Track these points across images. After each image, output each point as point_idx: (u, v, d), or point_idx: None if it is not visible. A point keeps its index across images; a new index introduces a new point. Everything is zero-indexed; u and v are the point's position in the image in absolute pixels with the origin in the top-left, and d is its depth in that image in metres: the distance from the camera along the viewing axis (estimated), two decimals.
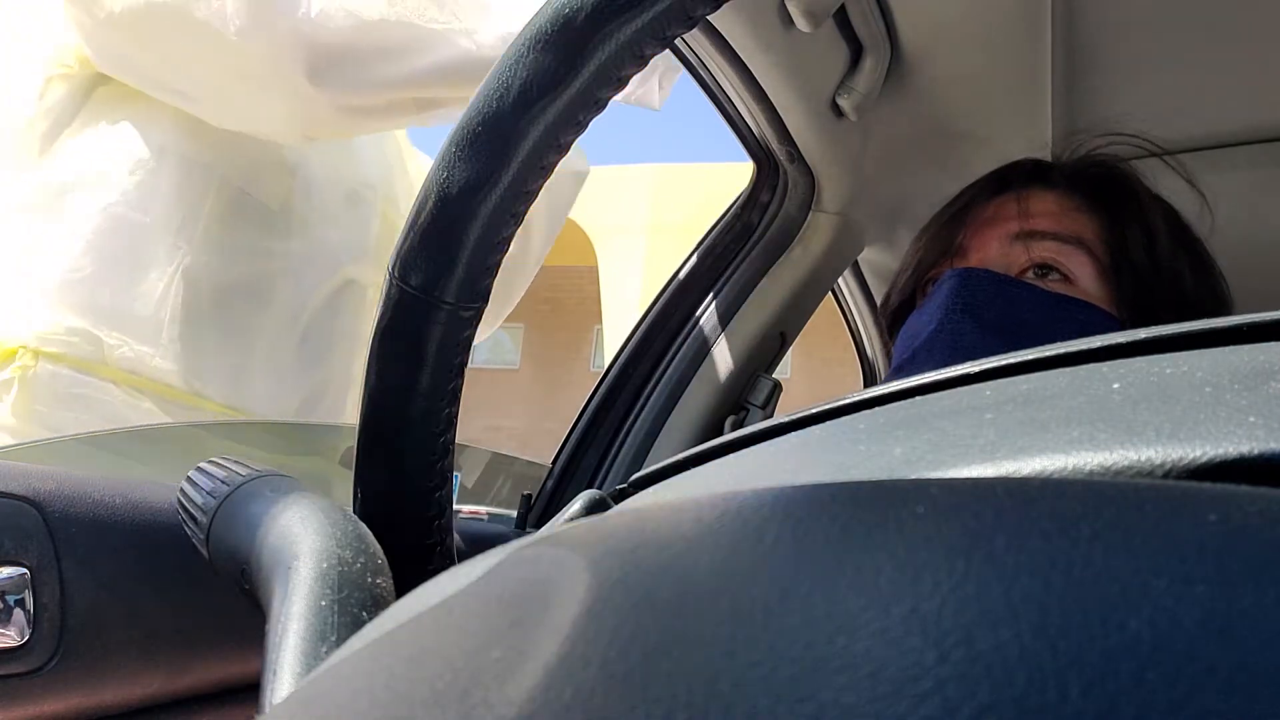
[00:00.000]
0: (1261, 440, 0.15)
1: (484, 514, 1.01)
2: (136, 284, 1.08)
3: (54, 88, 1.13)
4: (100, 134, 1.12)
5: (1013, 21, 0.75)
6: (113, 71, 1.11)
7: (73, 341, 1.05)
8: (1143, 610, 0.09)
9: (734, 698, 0.09)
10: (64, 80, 1.13)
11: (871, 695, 0.09)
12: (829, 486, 0.14)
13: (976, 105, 0.86)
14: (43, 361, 1.04)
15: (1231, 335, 0.20)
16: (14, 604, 0.42)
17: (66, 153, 1.12)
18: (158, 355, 1.08)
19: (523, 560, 0.14)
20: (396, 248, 0.31)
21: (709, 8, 0.28)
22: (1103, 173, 0.67)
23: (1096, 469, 0.16)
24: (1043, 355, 0.23)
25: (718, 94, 0.85)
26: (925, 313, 0.61)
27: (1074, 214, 0.63)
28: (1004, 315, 0.58)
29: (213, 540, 0.31)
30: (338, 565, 0.25)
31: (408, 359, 0.32)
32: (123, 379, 1.07)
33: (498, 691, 0.10)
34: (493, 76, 0.29)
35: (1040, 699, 0.08)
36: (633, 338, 0.94)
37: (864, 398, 0.25)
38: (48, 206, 1.09)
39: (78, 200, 1.09)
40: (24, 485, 0.45)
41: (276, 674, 0.22)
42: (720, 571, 0.12)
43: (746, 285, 0.93)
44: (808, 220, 0.95)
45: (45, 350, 1.04)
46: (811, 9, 0.68)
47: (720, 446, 0.28)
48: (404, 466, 0.33)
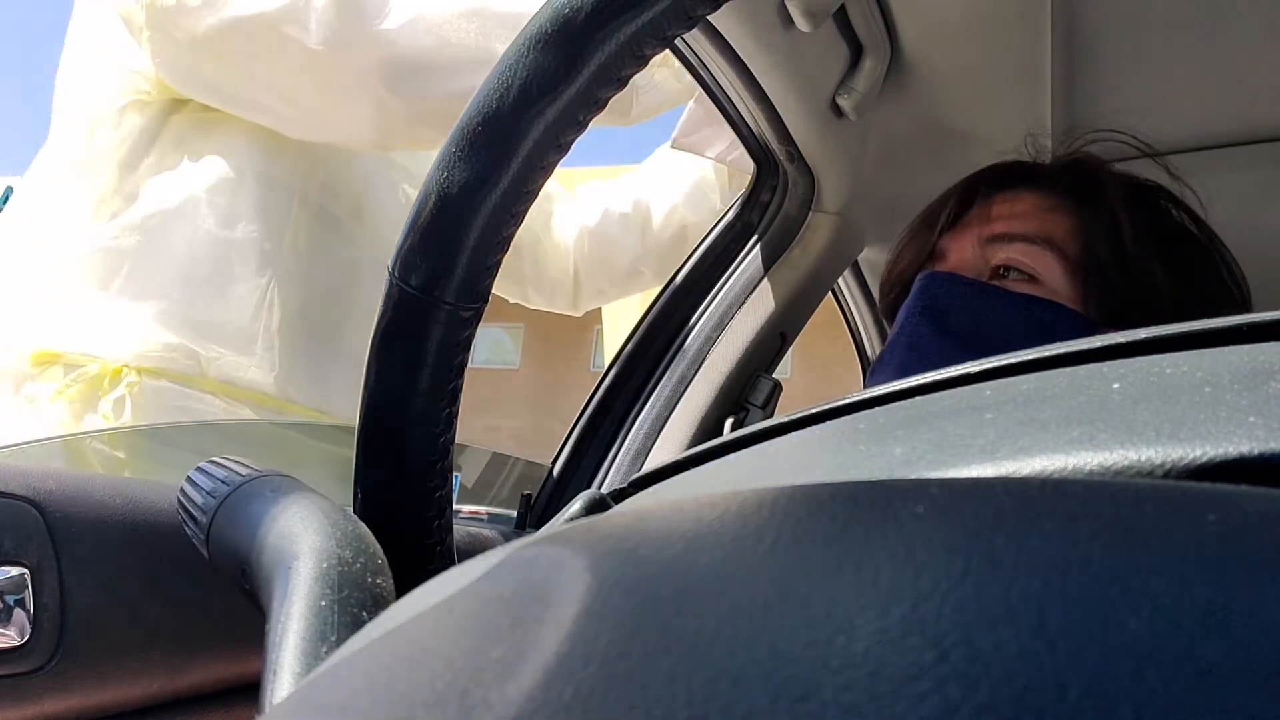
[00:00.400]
0: (1261, 440, 0.15)
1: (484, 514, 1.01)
2: (228, 299, 1.13)
3: (130, 115, 1.16)
4: (180, 158, 1.17)
5: (1012, 21, 0.75)
6: (193, 93, 1.14)
7: (172, 357, 1.10)
8: (1142, 610, 0.09)
9: (734, 697, 0.09)
10: (141, 107, 1.17)
11: (871, 695, 0.09)
12: (829, 486, 0.14)
13: (976, 105, 0.86)
14: (145, 378, 1.09)
15: (1231, 335, 0.20)
16: (14, 604, 0.42)
17: (149, 179, 1.16)
18: (252, 365, 1.13)
19: (523, 560, 0.14)
20: (397, 247, 0.31)
21: (709, 8, 0.28)
22: (1081, 171, 0.67)
23: (1096, 469, 0.16)
24: (1043, 355, 0.23)
25: (718, 94, 0.85)
26: (897, 318, 0.64)
27: (1047, 214, 0.64)
28: (963, 317, 0.60)
29: (213, 540, 0.31)
30: (338, 565, 0.25)
31: (408, 359, 0.32)
32: (221, 390, 1.12)
33: (498, 691, 0.10)
34: (493, 76, 0.29)
35: (1040, 699, 0.08)
36: (633, 338, 0.95)
37: (864, 398, 0.25)
38: (138, 234, 1.13)
39: (165, 226, 1.13)
40: (24, 485, 0.45)
41: (276, 674, 0.22)
42: (720, 571, 0.12)
43: (746, 285, 0.93)
44: (808, 220, 0.95)
45: (146, 367, 1.09)
46: (811, 9, 0.68)
47: (720, 446, 0.28)
48: (404, 466, 0.33)
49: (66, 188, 1.17)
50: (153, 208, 1.14)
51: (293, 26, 1.02)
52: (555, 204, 1.55)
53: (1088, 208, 0.64)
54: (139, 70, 1.14)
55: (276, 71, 1.07)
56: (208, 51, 1.06)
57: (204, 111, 1.17)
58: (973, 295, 0.61)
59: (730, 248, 0.96)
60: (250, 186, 1.16)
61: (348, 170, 1.26)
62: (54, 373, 1.09)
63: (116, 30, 1.14)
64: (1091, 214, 0.63)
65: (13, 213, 1.22)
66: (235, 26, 1.03)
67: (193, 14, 1.04)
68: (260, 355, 1.13)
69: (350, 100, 1.07)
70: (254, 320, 1.13)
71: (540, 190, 0.31)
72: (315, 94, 1.08)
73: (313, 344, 1.18)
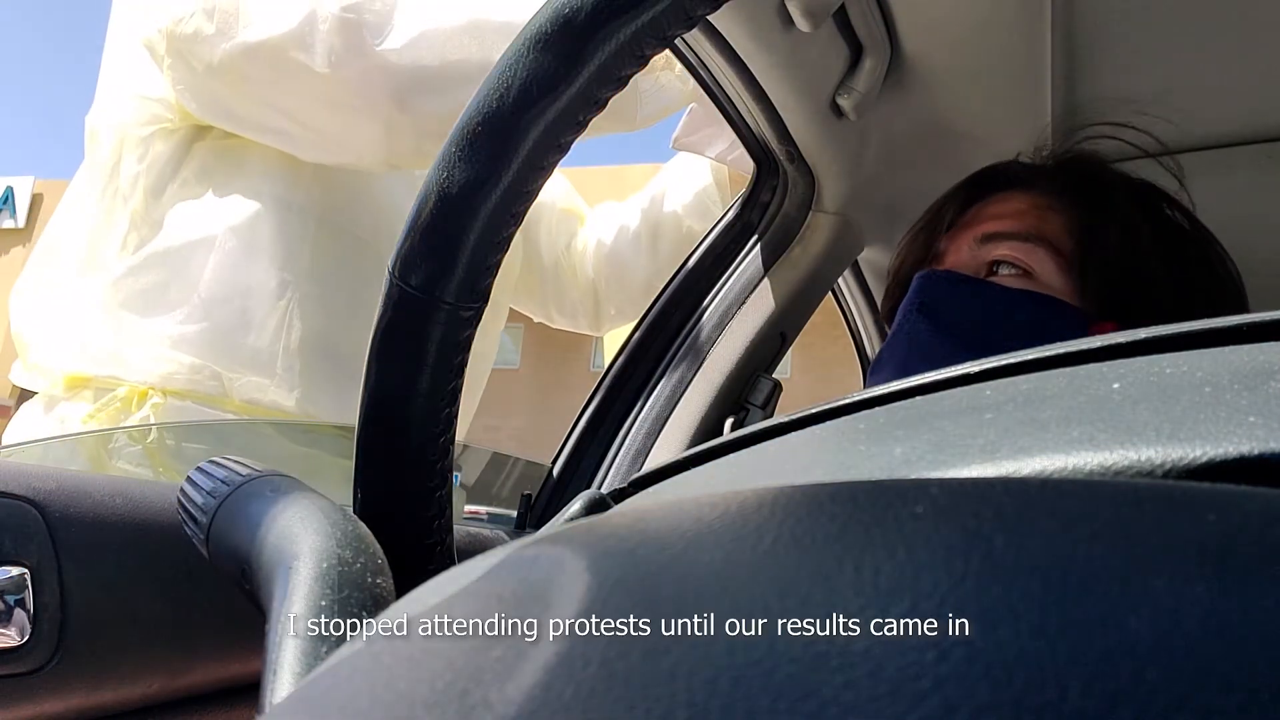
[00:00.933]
0: (1261, 440, 0.15)
1: (484, 514, 1.01)
2: (249, 321, 1.15)
3: (156, 143, 1.19)
4: (204, 185, 1.20)
5: (1012, 21, 0.75)
6: (212, 119, 1.17)
7: (197, 379, 1.13)
8: (1142, 610, 0.09)
9: (734, 697, 0.09)
10: (166, 135, 1.20)
11: (871, 694, 0.09)
12: (829, 486, 0.14)
13: (977, 105, 0.86)
14: (171, 399, 1.12)
15: (1231, 335, 0.20)
16: (14, 604, 0.42)
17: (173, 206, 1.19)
18: (273, 386, 1.15)
19: (523, 560, 0.14)
20: (397, 247, 0.31)
21: (709, 8, 0.28)
22: (1076, 169, 0.68)
23: (1096, 469, 0.16)
24: (1043, 355, 0.23)
25: (718, 94, 0.85)
26: (895, 316, 0.65)
27: (1041, 212, 0.65)
28: (959, 313, 0.62)
29: (213, 540, 0.31)
30: (338, 565, 0.25)
31: (407, 359, 0.32)
32: (244, 410, 1.15)
33: (498, 691, 0.10)
34: (493, 76, 0.29)
35: (1040, 698, 0.08)
36: (633, 338, 0.94)
37: (864, 398, 0.25)
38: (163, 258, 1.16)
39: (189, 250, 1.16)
40: (24, 485, 0.45)
41: (276, 674, 0.22)
42: (720, 571, 0.12)
43: (746, 285, 0.93)
44: (808, 220, 0.95)
45: (172, 389, 1.12)
46: (811, 9, 0.68)
47: (720, 446, 0.28)
48: (404, 466, 0.33)
49: (96, 214, 1.20)
50: (177, 233, 1.17)
51: (300, 51, 1.04)
52: (579, 225, 1.55)
53: (1082, 205, 0.65)
54: (162, 98, 1.17)
55: (288, 96, 1.09)
56: (223, 78, 1.09)
57: (226, 139, 1.20)
58: (967, 291, 0.62)
59: (730, 248, 0.96)
60: (270, 210, 1.19)
61: (367, 191, 1.29)
62: (85, 395, 1.13)
63: (142, 59, 1.16)
64: (1086, 211, 0.64)
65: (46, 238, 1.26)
66: (247, 53, 1.06)
67: (208, 42, 1.06)
68: (281, 376, 1.15)
69: (359, 121, 1.09)
70: (274, 341, 1.16)
71: (540, 190, 0.31)
72: (326, 116, 1.10)
73: (333, 363, 1.20)
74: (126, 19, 1.22)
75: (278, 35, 1.04)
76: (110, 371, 1.12)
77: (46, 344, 1.17)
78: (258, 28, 1.05)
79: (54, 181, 12.11)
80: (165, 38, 1.08)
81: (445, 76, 1.05)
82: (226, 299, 1.15)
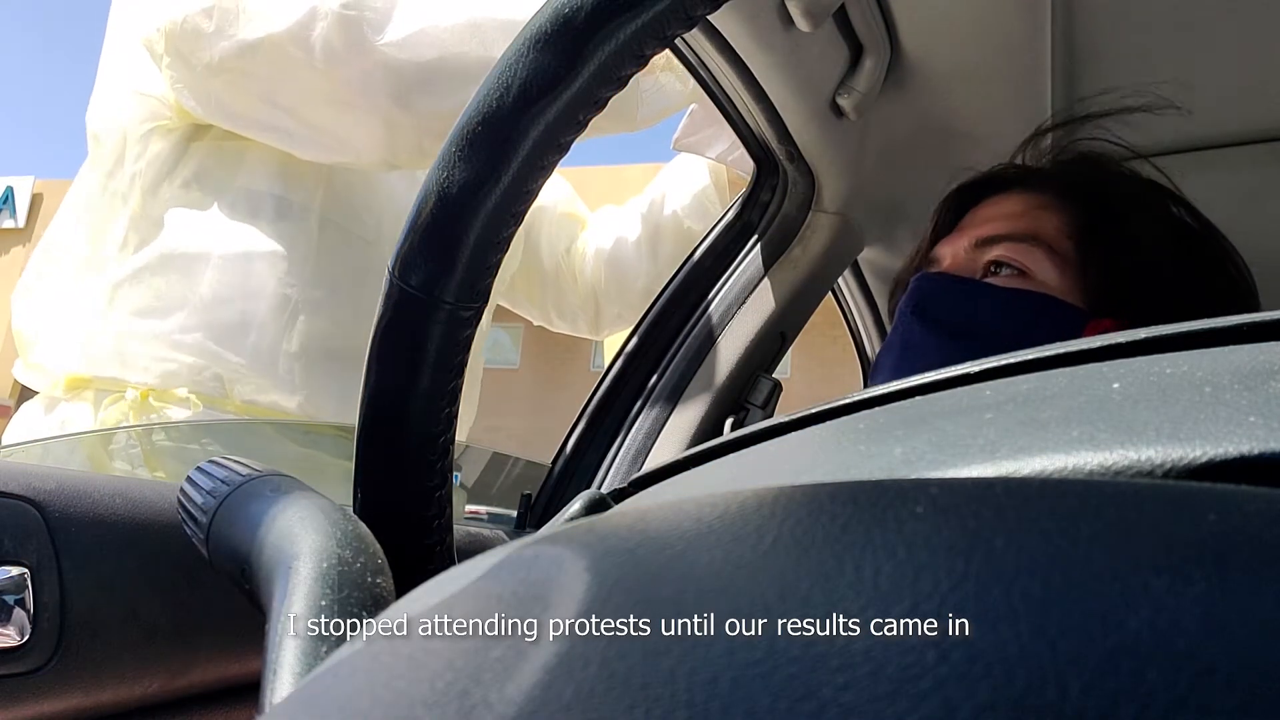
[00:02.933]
0: (1261, 440, 0.15)
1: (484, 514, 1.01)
2: (250, 322, 1.15)
3: (154, 142, 1.19)
4: (202, 184, 1.19)
5: (1012, 21, 0.75)
6: (211, 117, 1.16)
7: (198, 380, 1.12)
8: (1142, 610, 0.09)
9: (734, 697, 0.09)
10: (164, 133, 1.19)
11: (871, 694, 0.09)
12: (829, 486, 0.14)
13: (977, 104, 0.86)
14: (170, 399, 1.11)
15: (1231, 335, 0.20)
16: (14, 604, 0.42)
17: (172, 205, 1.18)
18: (274, 387, 1.15)
19: (523, 560, 0.14)
20: (397, 247, 0.31)
21: (709, 8, 0.28)
22: (1073, 170, 0.69)
23: (1096, 469, 0.16)
24: (1042, 355, 0.23)
25: (718, 94, 0.85)
26: (894, 318, 0.67)
27: (1036, 212, 0.65)
28: (953, 313, 0.62)
29: (213, 540, 0.31)
30: (338, 565, 0.25)
31: (407, 359, 0.32)
32: (245, 411, 1.14)
33: (498, 691, 0.10)
34: (493, 76, 0.29)
35: (1040, 698, 0.08)
36: (633, 338, 0.94)
37: (864, 398, 0.25)
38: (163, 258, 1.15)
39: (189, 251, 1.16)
40: (24, 485, 0.45)
41: (276, 674, 0.22)
42: (720, 571, 0.12)
43: (747, 285, 0.93)
44: (808, 220, 0.95)
45: (173, 390, 1.12)
46: (811, 9, 0.68)
47: (720, 446, 0.28)
48: (404, 466, 0.33)
49: (96, 213, 1.19)
50: (177, 233, 1.16)
51: (298, 48, 1.03)
52: (580, 230, 1.55)
53: (1079, 204, 0.65)
54: (161, 97, 1.16)
55: (287, 93, 1.08)
56: (222, 77, 1.08)
57: (225, 138, 1.19)
58: (962, 292, 0.63)
59: (730, 247, 0.96)
60: (270, 210, 1.18)
61: (369, 191, 1.28)
62: (86, 396, 1.12)
63: (141, 58, 1.16)
64: (1082, 210, 0.64)
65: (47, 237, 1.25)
66: (246, 51, 1.05)
67: (207, 40, 1.06)
68: (282, 377, 1.15)
69: (359, 118, 1.08)
70: (275, 342, 1.15)
71: (540, 190, 0.31)
72: (325, 114, 1.09)
73: (335, 364, 1.20)
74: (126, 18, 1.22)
75: (277, 32, 1.03)
76: (110, 372, 1.11)
77: (47, 344, 1.16)
78: (257, 25, 1.04)
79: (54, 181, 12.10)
80: (164, 36, 1.08)
81: (446, 74, 1.05)
82: (227, 299, 1.14)
